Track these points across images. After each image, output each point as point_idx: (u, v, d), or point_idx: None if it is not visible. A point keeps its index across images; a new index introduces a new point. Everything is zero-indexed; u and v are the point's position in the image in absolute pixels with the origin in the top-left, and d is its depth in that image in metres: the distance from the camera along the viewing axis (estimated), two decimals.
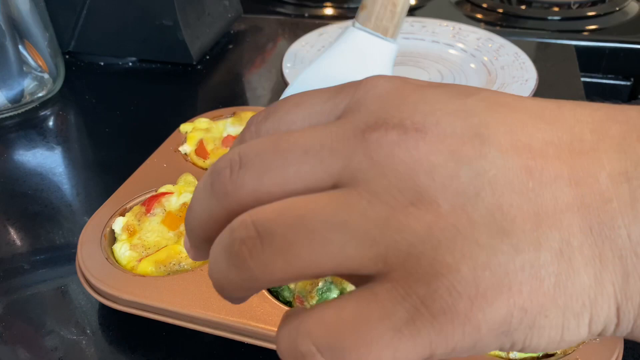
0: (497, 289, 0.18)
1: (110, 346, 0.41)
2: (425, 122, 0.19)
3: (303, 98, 0.23)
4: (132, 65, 0.84)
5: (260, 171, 0.20)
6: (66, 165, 0.62)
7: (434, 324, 0.18)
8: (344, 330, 0.19)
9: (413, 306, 0.18)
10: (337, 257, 0.19)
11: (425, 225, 0.18)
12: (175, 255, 0.42)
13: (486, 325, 0.19)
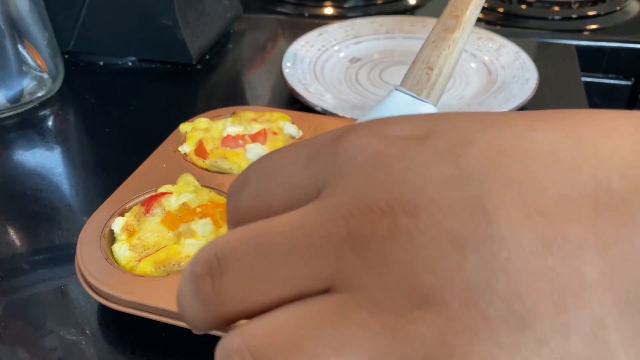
0: None
1: (109, 346, 0.41)
2: (417, 201, 0.16)
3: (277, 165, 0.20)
4: (132, 65, 0.84)
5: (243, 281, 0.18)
6: (65, 165, 0.62)
7: None
8: None
9: None
10: None
11: (437, 331, 0.16)
12: (175, 255, 0.42)
13: None
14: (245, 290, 0.18)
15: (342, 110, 0.64)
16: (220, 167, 0.52)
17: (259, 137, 0.55)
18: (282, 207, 0.19)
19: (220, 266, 0.18)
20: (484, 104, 0.66)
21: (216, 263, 0.18)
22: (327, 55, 0.79)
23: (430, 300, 0.16)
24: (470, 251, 0.16)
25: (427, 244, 0.16)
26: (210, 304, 0.19)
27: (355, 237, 0.16)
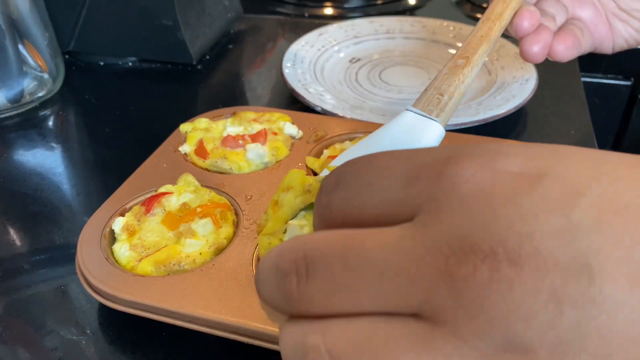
0: None
1: (110, 346, 0.41)
2: (522, 250, 0.16)
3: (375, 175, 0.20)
4: (132, 65, 0.84)
5: (329, 288, 0.19)
6: (66, 165, 0.62)
7: None
8: None
9: None
10: None
11: None
12: (175, 255, 0.42)
13: None
14: (330, 298, 0.19)
15: (342, 110, 0.64)
16: (221, 167, 0.53)
17: (259, 137, 0.55)
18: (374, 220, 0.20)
19: (308, 269, 0.19)
20: (483, 104, 0.66)
21: (304, 265, 0.19)
22: (327, 56, 0.80)
23: (519, 347, 0.16)
24: (568, 309, 0.16)
25: (526, 295, 0.16)
26: (291, 300, 0.20)
27: (453, 276, 0.17)
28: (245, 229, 0.44)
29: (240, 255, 0.42)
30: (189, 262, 0.42)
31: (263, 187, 0.49)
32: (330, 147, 0.55)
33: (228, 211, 0.46)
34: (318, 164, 0.52)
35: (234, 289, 0.39)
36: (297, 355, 0.19)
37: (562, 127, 0.66)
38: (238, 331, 0.37)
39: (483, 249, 0.16)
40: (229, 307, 0.37)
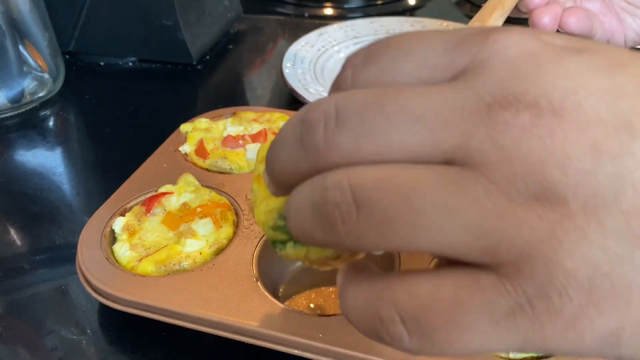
0: (613, 300, 0.17)
1: (110, 346, 0.41)
2: (565, 103, 0.16)
3: (414, 44, 0.19)
4: (132, 65, 0.84)
5: (359, 134, 0.18)
6: (66, 165, 0.62)
7: (535, 322, 0.17)
8: (438, 309, 0.18)
9: (517, 302, 0.17)
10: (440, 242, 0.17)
11: (548, 225, 0.16)
12: (175, 255, 0.42)
13: (591, 335, 0.17)
14: (358, 144, 0.18)
15: None
16: (221, 167, 0.53)
17: (259, 137, 0.55)
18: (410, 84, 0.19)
19: (338, 116, 0.18)
20: None
21: (334, 113, 0.18)
22: (327, 56, 0.80)
23: (551, 196, 0.16)
24: (607, 161, 0.16)
25: (565, 143, 0.16)
26: (312, 150, 0.18)
27: (494, 119, 0.16)
28: (245, 229, 0.44)
29: (240, 255, 0.42)
30: (189, 262, 0.42)
31: None
32: None
33: (228, 211, 0.46)
34: None
35: (234, 289, 0.39)
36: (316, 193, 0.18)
37: None
38: (238, 331, 0.37)
39: (527, 98, 0.16)
40: (229, 307, 0.37)
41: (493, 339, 0.18)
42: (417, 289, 0.18)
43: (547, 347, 0.18)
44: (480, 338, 0.18)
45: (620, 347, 0.18)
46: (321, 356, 0.35)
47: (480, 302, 0.17)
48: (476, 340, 0.18)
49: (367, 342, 0.35)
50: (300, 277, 0.46)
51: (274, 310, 0.37)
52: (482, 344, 0.18)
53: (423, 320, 0.18)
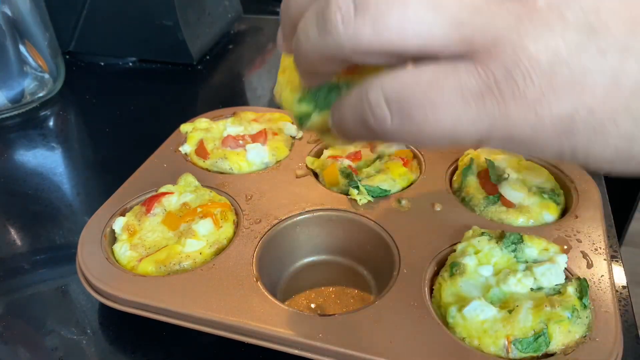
0: (570, 85, 0.20)
1: (110, 346, 0.41)
2: None
3: None
4: (132, 66, 0.84)
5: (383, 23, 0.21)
6: (66, 165, 0.62)
7: (501, 104, 0.21)
8: (418, 88, 0.21)
9: (486, 84, 0.20)
10: (424, 35, 0.21)
11: (517, 16, 0.20)
12: (176, 255, 0.42)
13: (550, 118, 0.21)
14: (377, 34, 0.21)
15: None
16: (221, 167, 0.53)
17: (259, 137, 0.55)
18: None
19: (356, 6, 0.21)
20: None
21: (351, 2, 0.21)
22: None
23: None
24: None
25: None
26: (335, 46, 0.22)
27: None
28: (245, 229, 0.44)
29: (240, 255, 0.42)
30: (189, 262, 0.42)
31: (263, 187, 0.49)
32: (330, 147, 0.55)
33: (228, 211, 0.46)
34: (318, 164, 0.52)
35: (234, 288, 0.39)
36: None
37: None
38: (238, 331, 0.37)
39: None
40: (229, 307, 0.37)
41: (464, 119, 0.21)
42: (401, 74, 0.22)
43: (511, 131, 0.22)
44: (452, 117, 0.21)
45: (575, 132, 0.21)
46: (321, 356, 0.35)
47: (455, 82, 0.21)
48: (449, 119, 0.21)
49: (367, 341, 0.35)
50: (300, 277, 0.46)
51: (274, 310, 0.37)
52: (454, 124, 0.21)
53: (404, 99, 0.22)
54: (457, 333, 0.36)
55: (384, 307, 0.37)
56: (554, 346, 0.35)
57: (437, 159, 0.53)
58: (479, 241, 0.41)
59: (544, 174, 0.50)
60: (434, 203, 0.47)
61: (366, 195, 0.47)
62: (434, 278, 0.41)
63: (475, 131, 0.22)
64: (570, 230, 0.44)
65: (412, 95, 0.22)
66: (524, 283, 0.38)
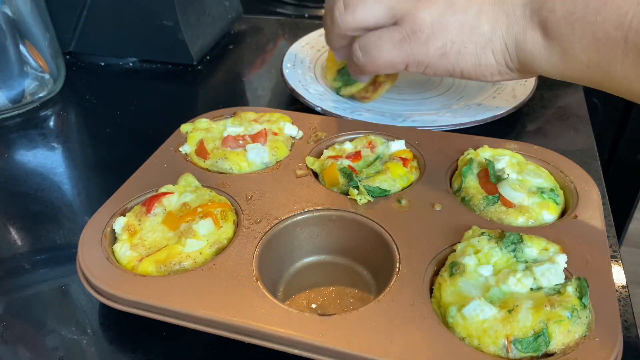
0: (440, 31, 0.52)
1: (110, 346, 0.41)
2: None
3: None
4: (133, 66, 0.84)
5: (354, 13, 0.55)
6: (67, 165, 0.63)
7: (411, 44, 0.53)
8: (372, 40, 0.55)
9: (403, 35, 0.53)
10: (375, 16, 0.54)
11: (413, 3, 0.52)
12: (176, 255, 0.42)
13: (433, 50, 0.53)
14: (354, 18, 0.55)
15: (342, 110, 0.65)
16: (221, 167, 0.53)
17: (259, 137, 0.55)
18: None
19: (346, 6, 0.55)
20: (483, 104, 0.66)
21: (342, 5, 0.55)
22: (327, 56, 0.80)
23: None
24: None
25: None
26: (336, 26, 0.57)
27: None
28: (245, 229, 0.44)
29: (240, 255, 0.42)
30: (190, 262, 0.42)
31: (263, 187, 0.49)
32: (330, 147, 0.55)
33: (228, 211, 0.46)
34: (318, 164, 0.52)
35: (235, 288, 0.39)
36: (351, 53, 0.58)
37: (562, 128, 0.66)
38: (238, 331, 0.37)
39: None
40: (229, 306, 0.37)
41: (394, 54, 0.54)
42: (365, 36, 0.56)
43: (418, 59, 0.54)
44: (388, 53, 0.54)
45: (448, 55, 0.53)
46: (321, 356, 0.35)
47: (388, 36, 0.54)
48: (387, 54, 0.55)
49: (367, 341, 0.35)
50: (300, 277, 0.46)
51: (274, 310, 0.37)
52: (389, 56, 0.55)
53: (366, 46, 0.56)
54: (456, 333, 0.36)
55: (384, 307, 0.37)
56: (554, 346, 0.35)
57: (437, 159, 0.53)
58: (478, 241, 0.41)
59: (544, 174, 0.50)
60: (434, 203, 0.47)
61: (366, 195, 0.47)
62: (434, 278, 0.41)
63: (401, 60, 0.55)
64: (570, 230, 0.44)
65: (369, 43, 0.55)
66: (523, 283, 0.38)
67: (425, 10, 0.52)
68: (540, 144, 0.55)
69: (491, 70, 0.54)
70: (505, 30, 0.51)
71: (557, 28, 0.48)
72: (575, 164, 0.52)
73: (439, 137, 0.57)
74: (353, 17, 0.55)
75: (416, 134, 0.57)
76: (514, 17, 0.50)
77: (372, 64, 0.56)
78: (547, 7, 0.48)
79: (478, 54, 0.52)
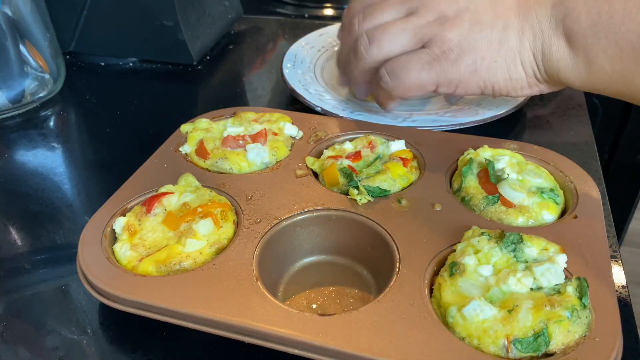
0: (470, 48, 0.53)
1: (110, 346, 0.41)
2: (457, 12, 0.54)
3: None
4: (133, 66, 0.84)
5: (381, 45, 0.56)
6: (67, 165, 0.63)
7: (441, 64, 0.54)
8: (401, 63, 0.55)
9: (432, 57, 0.54)
10: (401, 44, 0.55)
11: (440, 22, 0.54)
12: (176, 255, 0.42)
13: (464, 67, 0.53)
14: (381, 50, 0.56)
15: (342, 110, 0.65)
16: (221, 167, 0.53)
17: (259, 137, 0.55)
18: None
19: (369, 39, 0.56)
20: (483, 104, 0.66)
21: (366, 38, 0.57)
22: (327, 56, 0.80)
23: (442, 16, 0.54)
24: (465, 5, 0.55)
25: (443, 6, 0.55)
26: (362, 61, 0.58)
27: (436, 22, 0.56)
28: (245, 229, 0.44)
29: (240, 255, 0.42)
30: (190, 262, 0.42)
31: (263, 187, 0.49)
32: (330, 147, 0.55)
33: (229, 211, 0.46)
34: (318, 164, 0.52)
35: (235, 288, 0.39)
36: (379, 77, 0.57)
37: (561, 128, 0.66)
38: (238, 331, 0.37)
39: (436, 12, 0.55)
40: (230, 306, 0.37)
41: (423, 75, 0.54)
42: (392, 60, 0.56)
43: (448, 78, 0.54)
44: (417, 75, 0.54)
45: (479, 71, 0.54)
46: (321, 356, 0.35)
47: (417, 58, 0.54)
48: (416, 76, 0.54)
49: (367, 341, 0.35)
50: (300, 277, 0.46)
51: (274, 310, 0.37)
52: (419, 78, 0.54)
53: (395, 68, 0.55)
54: (456, 333, 0.36)
55: (384, 307, 0.37)
56: (554, 346, 0.35)
57: (437, 159, 0.53)
58: (478, 241, 0.41)
59: (544, 174, 0.50)
60: (434, 203, 0.47)
61: (366, 195, 0.47)
62: (434, 278, 0.41)
63: (431, 81, 0.55)
64: (570, 230, 0.44)
65: (397, 67, 0.55)
66: (523, 283, 0.38)
67: (452, 30, 0.52)
68: (540, 144, 0.55)
69: (521, 83, 0.54)
70: (532, 42, 0.52)
71: (582, 38, 0.48)
72: (575, 164, 0.52)
73: (439, 137, 0.57)
74: (379, 50, 0.55)
75: (416, 134, 0.57)
76: (539, 28, 0.51)
77: (402, 87, 0.55)
78: (572, 17, 0.49)
79: (508, 68, 0.53)
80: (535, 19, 0.51)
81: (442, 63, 0.53)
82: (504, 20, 0.52)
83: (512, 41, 0.52)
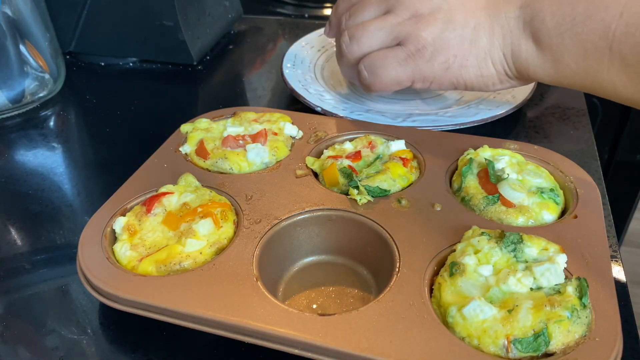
0: (443, 46, 0.55)
1: (110, 346, 0.41)
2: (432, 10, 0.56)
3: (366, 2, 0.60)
4: (133, 66, 0.84)
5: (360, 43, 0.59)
6: (67, 165, 0.63)
7: (416, 61, 0.56)
8: (378, 59, 0.58)
9: (407, 54, 0.56)
10: (379, 41, 0.58)
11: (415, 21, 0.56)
12: (176, 255, 0.42)
13: (437, 64, 0.56)
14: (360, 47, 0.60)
15: (342, 110, 0.65)
16: (221, 167, 0.53)
17: (259, 137, 0.55)
18: None
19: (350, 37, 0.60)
20: (483, 104, 0.66)
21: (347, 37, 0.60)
22: (327, 56, 0.80)
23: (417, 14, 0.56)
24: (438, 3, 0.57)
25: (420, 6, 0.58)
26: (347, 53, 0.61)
27: None
28: (245, 229, 0.44)
29: (240, 255, 0.42)
30: (190, 262, 0.42)
31: (263, 187, 0.49)
32: (330, 147, 0.55)
33: (229, 211, 0.46)
34: (318, 164, 0.52)
35: (235, 288, 0.39)
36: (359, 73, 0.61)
37: (561, 127, 0.66)
38: (238, 331, 0.37)
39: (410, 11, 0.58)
40: (230, 306, 0.37)
41: (399, 71, 0.57)
42: (370, 55, 0.59)
43: (423, 75, 0.57)
44: (394, 71, 0.57)
45: (451, 69, 0.56)
46: (321, 356, 0.35)
47: (394, 55, 0.57)
48: (393, 72, 0.57)
49: (367, 341, 0.35)
50: (300, 277, 0.46)
51: (274, 310, 0.37)
52: (395, 74, 0.58)
53: (372, 65, 0.58)
54: (456, 333, 0.36)
55: (384, 307, 0.37)
56: (554, 346, 0.35)
57: (437, 159, 0.53)
58: (478, 241, 0.41)
59: (544, 174, 0.50)
60: (434, 203, 0.47)
61: (366, 195, 0.47)
62: (434, 278, 0.41)
63: (407, 77, 0.57)
64: (570, 230, 0.44)
65: (374, 63, 0.58)
66: (523, 283, 0.38)
67: (426, 29, 0.55)
68: (540, 144, 0.55)
69: (492, 79, 0.57)
70: (502, 41, 0.54)
71: (548, 38, 0.51)
72: (575, 164, 0.52)
73: (439, 137, 0.57)
74: (359, 47, 0.59)
75: (416, 134, 0.57)
76: (508, 29, 0.54)
77: (379, 82, 0.59)
78: (539, 19, 0.52)
79: (479, 65, 0.56)
80: (504, 19, 0.54)
81: (417, 60, 0.56)
82: (475, 20, 0.55)
83: (483, 41, 0.55)
